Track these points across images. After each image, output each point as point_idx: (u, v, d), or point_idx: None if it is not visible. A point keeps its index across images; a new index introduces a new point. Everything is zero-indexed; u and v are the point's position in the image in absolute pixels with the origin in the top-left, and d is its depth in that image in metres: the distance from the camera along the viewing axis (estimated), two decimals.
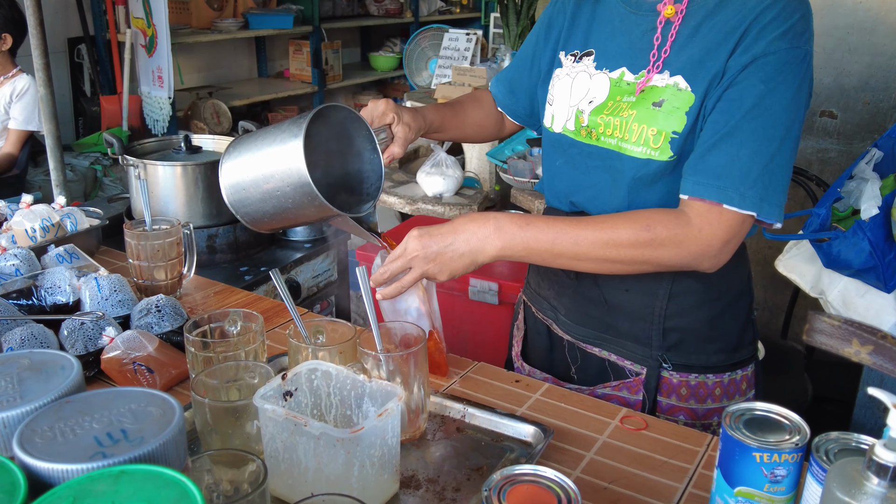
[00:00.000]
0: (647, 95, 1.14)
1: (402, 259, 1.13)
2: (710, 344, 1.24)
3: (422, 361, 1.04)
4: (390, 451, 0.91)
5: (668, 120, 1.11)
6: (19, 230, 1.57)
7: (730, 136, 1.05)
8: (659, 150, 1.12)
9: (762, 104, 1.04)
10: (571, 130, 1.24)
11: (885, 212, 1.84)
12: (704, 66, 1.09)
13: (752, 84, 1.05)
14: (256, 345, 1.08)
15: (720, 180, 1.05)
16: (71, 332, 1.22)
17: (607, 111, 1.18)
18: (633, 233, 1.08)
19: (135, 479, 0.46)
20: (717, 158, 1.06)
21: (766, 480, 0.87)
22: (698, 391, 1.25)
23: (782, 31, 1.04)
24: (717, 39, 1.09)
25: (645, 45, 1.16)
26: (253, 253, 2.02)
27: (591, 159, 1.22)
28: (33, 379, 0.60)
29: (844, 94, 2.55)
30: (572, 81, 1.25)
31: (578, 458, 1.04)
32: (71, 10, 4.60)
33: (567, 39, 1.30)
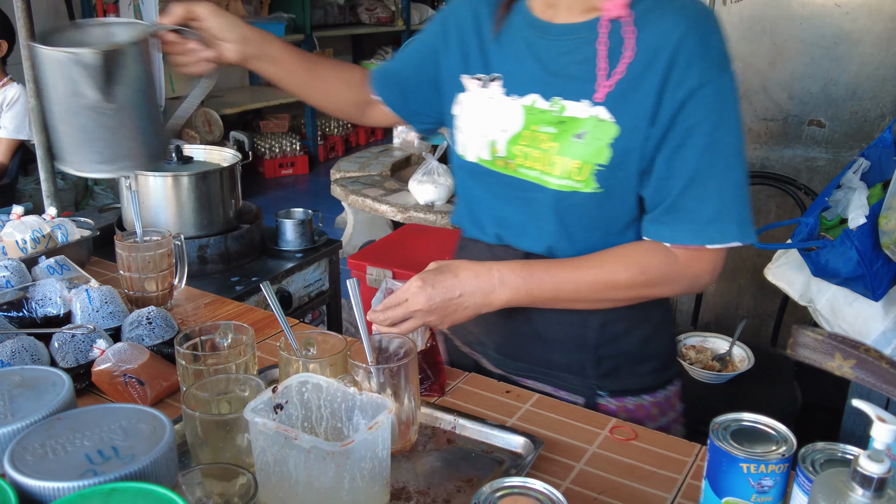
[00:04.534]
0: (569, 127, 1.11)
1: (404, 309, 1.12)
2: (642, 365, 1.26)
3: (412, 373, 1.05)
4: (381, 464, 0.92)
5: (590, 152, 1.09)
6: (10, 241, 1.57)
7: (694, 179, 1.07)
8: (583, 183, 1.11)
9: (714, 138, 1.06)
10: (487, 160, 1.21)
11: (873, 221, 1.86)
12: (626, 96, 1.07)
13: (699, 121, 1.06)
14: (247, 357, 1.08)
15: (696, 224, 1.09)
16: (62, 344, 1.22)
17: (524, 142, 1.16)
18: (629, 276, 1.12)
19: (125, 496, 0.47)
20: (689, 203, 1.08)
21: (753, 491, 0.88)
22: (636, 414, 1.26)
23: (711, 58, 1.05)
24: (637, 69, 1.07)
25: (558, 70, 1.13)
26: (244, 263, 2.02)
27: (511, 190, 1.19)
28: (24, 396, 0.60)
29: (832, 103, 2.57)
30: (481, 108, 1.22)
31: (568, 469, 1.05)
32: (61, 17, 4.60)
33: (468, 61, 1.24)
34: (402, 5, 7.15)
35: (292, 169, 6.18)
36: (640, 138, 1.08)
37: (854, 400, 0.75)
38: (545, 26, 1.16)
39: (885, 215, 1.82)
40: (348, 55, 7.43)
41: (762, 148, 2.72)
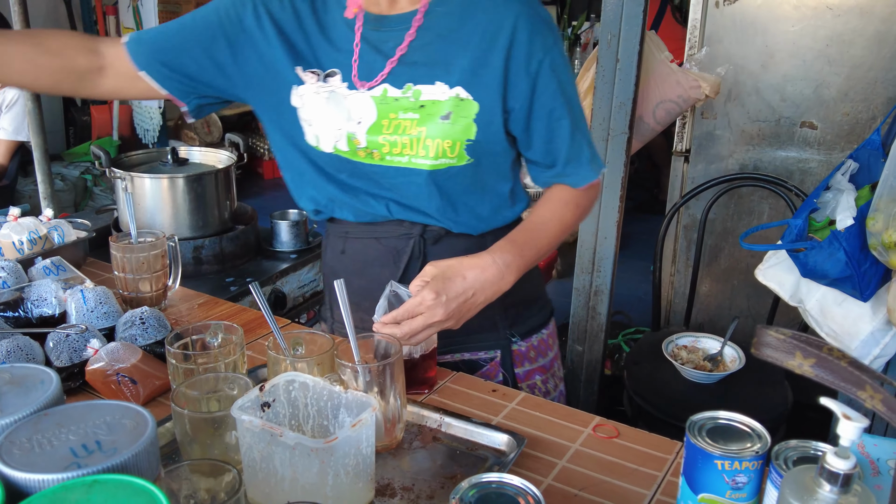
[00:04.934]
0: (432, 110, 1.21)
1: (423, 322, 1.14)
2: (535, 304, 1.45)
3: (398, 372, 1.07)
4: (365, 461, 0.94)
5: (458, 130, 1.21)
6: (6, 242, 1.59)
7: (573, 134, 1.27)
8: (456, 158, 1.24)
9: (568, 95, 1.25)
10: (346, 151, 1.27)
11: (860, 222, 1.88)
12: (478, 74, 1.20)
13: (556, 85, 1.23)
14: (236, 357, 1.10)
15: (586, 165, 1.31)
16: (56, 344, 1.24)
17: (387, 130, 1.23)
18: (573, 215, 1.34)
19: (107, 488, 0.49)
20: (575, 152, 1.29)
21: (727, 487, 0.90)
22: (541, 348, 1.46)
23: (545, 32, 1.20)
24: (482, 48, 1.19)
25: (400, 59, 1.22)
26: (239, 264, 2.04)
27: (382, 177, 1.28)
28: (13, 393, 0.62)
29: (824, 105, 2.59)
30: (326, 101, 1.25)
31: (551, 466, 1.07)
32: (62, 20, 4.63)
33: (298, 54, 1.26)
34: None
35: None
36: (498, 110, 1.22)
37: (822, 398, 0.78)
38: (378, 18, 1.23)
39: (872, 217, 1.84)
40: None
41: (755, 149, 2.74)
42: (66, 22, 4.57)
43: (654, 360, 2.31)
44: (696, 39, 2.72)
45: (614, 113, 2.33)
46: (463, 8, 1.20)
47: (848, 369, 0.62)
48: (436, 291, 1.14)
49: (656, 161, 5.34)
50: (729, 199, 2.82)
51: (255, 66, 1.30)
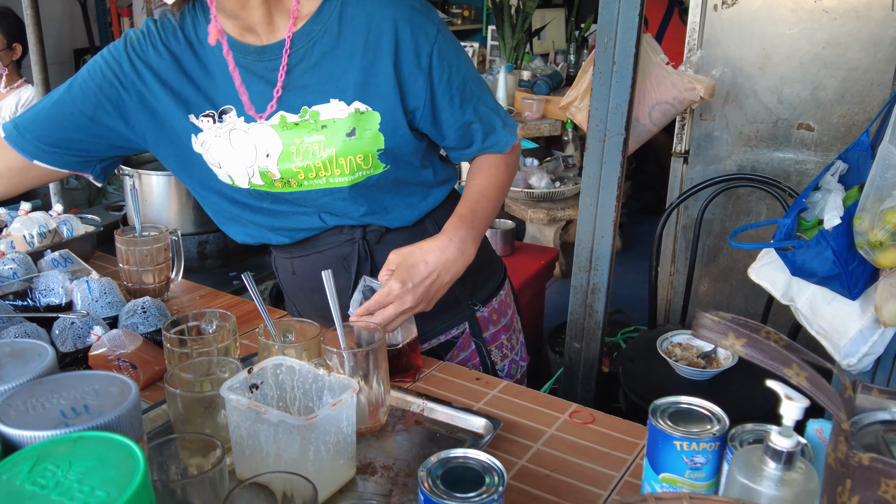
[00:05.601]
0: (335, 129, 1.22)
1: (395, 310, 1.19)
2: (487, 269, 1.52)
3: (381, 359, 1.13)
4: (346, 439, 1.00)
5: (366, 143, 1.24)
6: (17, 236, 1.66)
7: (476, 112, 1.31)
8: (372, 167, 1.27)
9: (462, 77, 1.28)
10: (261, 185, 1.28)
11: (848, 222, 1.91)
12: (371, 84, 1.22)
13: (449, 69, 1.25)
14: (228, 342, 1.17)
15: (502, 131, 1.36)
16: (62, 330, 1.31)
17: (297, 157, 1.24)
18: (506, 174, 1.40)
19: (90, 443, 0.55)
20: (488, 125, 1.33)
21: (686, 467, 0.95)
22: (501, 309, 1.54)
23: (425, 24, 1.22)
24: (369, 58, 1.21)
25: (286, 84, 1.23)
26: (242, 259, 2.11)
27: (301, 203, 1.31)
28: (12, 364, 0.69)
29: (821, 107, 2.62)
30: (228, 141, 1.26)
31: (526, 449, 1.12)
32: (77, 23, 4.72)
33: (187, 102, 1.26)
34: None
35: None
36: (400, 114, 1.24)
37: (767, 381, 0.82)
38: (258, 49, 1.23)
39: (859, 216, 1.87)
40: None
41: (752, 151, 2.77)
42: (82, 23, 4.67)
43: (648, 357, 2.36)
44: (694, 42, 2.76)
45: (611, 114, 2.38)
46: (339, 21, 1.20)
47: (775, 348, 0.67)
48: (401, 280, 1.19)
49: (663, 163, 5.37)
50: (727, 200, 2.85)
51: (146, 122, 1.28)
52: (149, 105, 1.28)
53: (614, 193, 2.43)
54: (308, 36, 1.21)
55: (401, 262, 1.21)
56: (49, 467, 0.53)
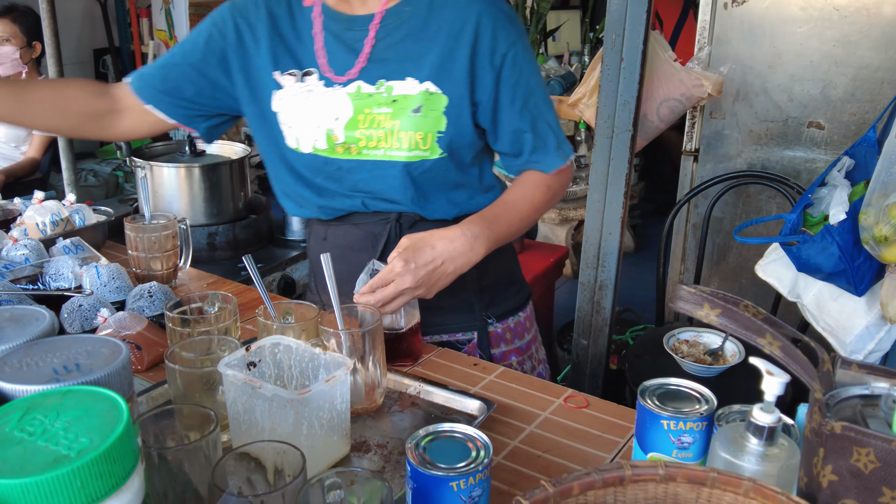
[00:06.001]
0: (403, 104, 1.27)
1: (394, 289, 1.21)
2: (510, 288, 1.51)
3: (378, 341, 1.15)
4: (339, 416, 1.02)
5: (429, 122, 1.28)
6: (30, 223, 1.70)
7: (535, 124, 1.33)
8: (429, 150, 1.30)
9: (532, 85, 1.31)
10: (324, 149, 1.33)
11: (854, 217, 1.91)
12: (446, 69, 1.26)
13: (519, 77, 1.29)
14: (229, 322, 1.19)
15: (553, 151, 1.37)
16: (70, 312, 1.34)
17: (363, 125, 1.29)
18: (545, 196, 1.40)
19: (78, 395, 0.57)
20: (540, 140, 1.35)
21: (673, 447, 0.96)
22: (517, 330, 1.51)
23: (509, 27, 1.27)
24: (448, 43, 1.26)
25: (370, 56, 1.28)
26: (251, 250, 2.14)
27: (356, 173, 1.33)
28: (11, 327, 0.72)
29: (831, 105, 2.62)
30: (304, 101, 1.32)
31: (519, 431, 1.14)
32: (97, 23, 4.80)
33: (276, 59, 1.33)
34: None
35: None
36: (466, 103, 1.29)
37: (750, 358, 0.84)
38: (349, 18, 1.30)
39: (864, 212, 1.87)
40: None
41: (762, 149, 2.77)
42: (102, 24, 4.74)
43: (655, 353, 2.36)
44: (704, 40, 2.77)
45: (618, 111, 2.38)
46: (429, 7, 1.27)
47: (749, 318, 0.68)
48: (405, 259, 1.21)
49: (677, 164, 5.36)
50: (737, 199, 2.85)
51: (242, 79, 1.36)
52: (244, 61, 1.36)
53: (622, 190, 2.44)
54: (398, 15, 1.28)
55: (409, 245, 1.24)
56: (38, 417, 0.55)
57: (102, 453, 0.52)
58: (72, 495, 0.51)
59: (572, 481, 0.68)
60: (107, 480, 0.53)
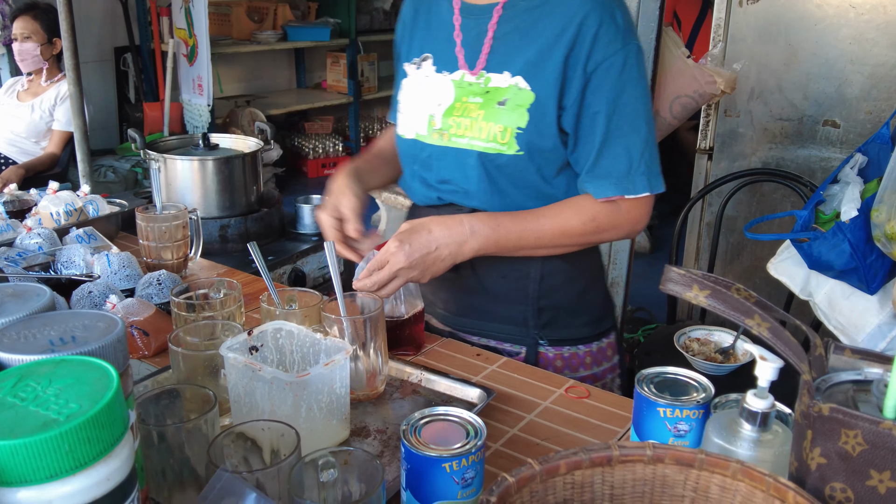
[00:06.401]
0: (493, 96, 1.26)
1: (388, 270, 1.21)
2: (579, 317, 1.39)
3: (379, 328, 1.16)
4: (339, 400, 1.03)
5: (511, 117, 1.24)
6: (45, 213, 1.73)
7: (606, 141, 1.24)
8: (506, 146, 1.26)
9: (620, 105, 1.22)
10: (423, 134, 1.34)
11: (866, 214, 1.90)
12: (539, 67, 1.23)
13: (607, 90, 1.22)
14: (233, 308, 1.21)
15: (613, 179, 1.25)
16: (79, 298, 1.37)
17: (457, 113, 1.29)
18: (582, 223, 1.28)
19: (71, 365, 0.59)
20: (605, 162, 1.25)
21: (670, 434, 0.96)
22: (571, 362, 1.40)
23: (613, 35, 1.19)
24: (549, 42, 1.22)
25: (478, 46, 1.28)
26: (263, 243, 2.15)
27: (442, 159, 1.33)
28: (13, 302, 0.74)
29: (846, 103, 2.60)
30: (418, 87, 1.35)
31: (519, 419, 1.14)
32: (118, 21, 4.85)
33: (410, 49, 1.39)
34: None
35: (334, 169, 6.33)
36: (552, 105, 1.24)
37: (745, 343, 0.83)
38: (467, 7, 1.31)
39: (876, 208, 1.86)
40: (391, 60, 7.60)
41: (777, 147, 2.75)
42: (123, 22, 4.80)
43: (665, 351, 2.35)
44: (719, 38, 2.76)
45: None
46: (542, 4, 1.23)
47: (738, 300, 0.68)
48: (399, 240, 1.22)
49: None
50: (751, 198, 2.84)
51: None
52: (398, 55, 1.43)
53: None
54: (512, 9, 1.26)
55: (407, 228, 1.25)
56: (31, 384, 0.57)
57: (90, 418, 0.53)
58: (60, 458, 0.52)
59: (559, 460, 0.69)
60: (94, 445, 0.54)
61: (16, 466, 0.51)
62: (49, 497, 0.54)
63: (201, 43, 4.45)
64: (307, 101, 6.13)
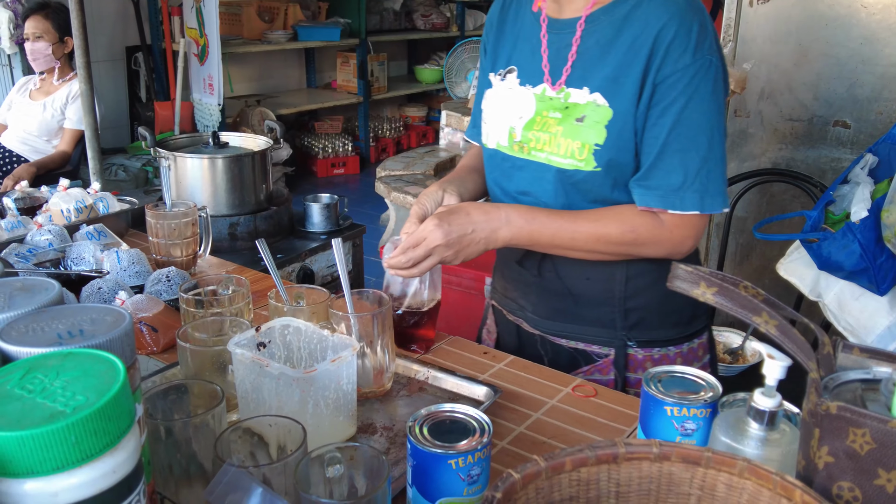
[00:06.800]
0: (572, 112, 1.25)
1: (424, 247, 1.20)
2: (667, 318, 1.35)
3: (387, 325, 1.16)
4: (345, 397, 1.03)
5: (589, 133, 1.23)
6: (55, 210, 1.74)
7: (662, 153, 1.21)
8: (584, 162, 1.24)
9: (683, 117, 1.19)
10: (504, 146, 1.34)
11: (876, 215, 1.89)
12: (618, 82, 1.21)
13: (671, 101, 1.19)
14: (241, 304, 1.21)
15: (662, 191, 1.22)
16: (89, 295, 1.38)
17: (537, 127, 1.29)
18: (620, 233, 1.25)
19: (78, 357, 0.59)
20: (657, 172, 1.22)
21: (677, 433, 0.95)
22: (661, 363, 1.36)
23: (684, 48, 1.17)
24: (627, 57, 1.20)
25: (561, 61, 1.27)
26: (272, 242, 2.16)
27: (522, 171, 1.33)
28: (22, 296, 0.74)
29: (857, 104, 2.58)
30: (501, 99, 1.36)
31: (525, 417, 1.14)
32: (130, 21, 4.87)
33: (495, 60, 1.39)
34: (457, 12, 7.30)
35: (344, 168, 6.37)
36: (630, 119, 1.21)
37: (752, 340, 0.83)
38: (552, 22, 1.29)
39: (887, 209, 1.85)
40: (403, 60, 7.61)
41: (787, 148, 2.74)
42: (134, 22, 4.82)
43: None
44: (729, 37, 2.74)
45: None
46: (623, 20, 1.21)
47: (746, 297, 0.68)
48: (438, 218, 1.21)
49: None
50: (761, 198, 2.82)
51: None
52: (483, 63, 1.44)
53: None
54: (594, 24, 1.25)
55: (445, 210, 1.24)
56: (38, 376, 0.57)
57: (97, 410, 0.54)
58: (66, 450, 0.52)
59: (565, 457, 0.69)
60: (101, 438, 0.54)
61: (22, 458, 0.52)
62: (55, 489, 0.54)
63: (212, 42, 4.46)
64: (317, 100, 6.15)
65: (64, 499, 0.54)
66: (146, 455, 0.70)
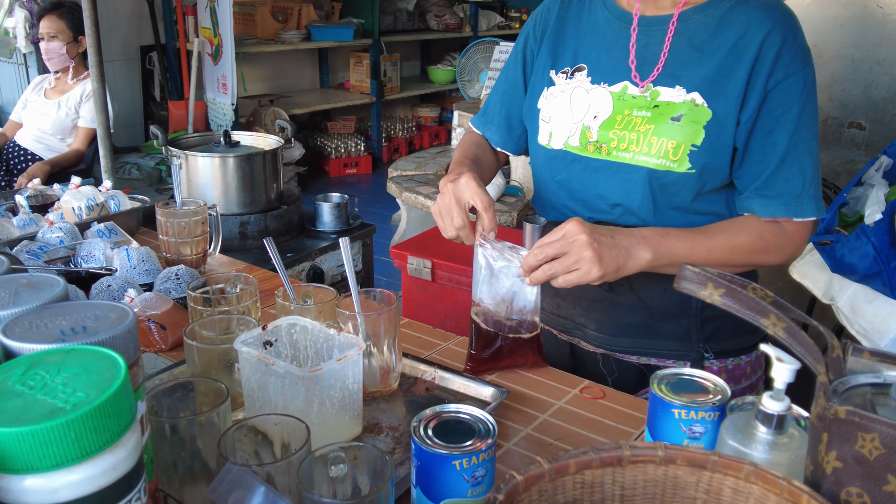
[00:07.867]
0: (664, 111, 1.22)
1: (563, 242, 1.13)
2: (741, 326, 1.30)
3: (393, 324, 1.16)
4: (351, 396, 1.03)
5: (686, 133, 1.20)
6: (66, 208, 1.75)
7: (783, 160, 1.20)
8: (678, 163, 1.21)
9: (799, 124, 1.19)
10: (576, 146, 1.29)
11: (890, 217, 1.87)
12: (718, 84, 1.19)
13: (786, 109, 1.19)
14: (249, 302, 1.21)
15: (784, 199, 1.22)
16: (99, 292, 1.38)
17: (619, 126, 1.25)
18: (750, 241, 1.24)
19: (79, 354, 0.59)
20: (778, 181, 1.21)
21: (685, 436, 0.94)
22: (734, 373, 1.35)
23: (794, 54, 1.18)
24: (728, 59, 1.19)
25: (650, 59, 1.24)
26: (282, 241, 2.17)
27: (599, 174, 1.28)
28: (27, 292, 0.74)
29: (873, 105, 2.56)
30: (569, 98, 1.31)
31: (532, 418, 1.13)
32: (144, 20, 4.90)
33: (555, 58, 1.35)
34: (471, 12, 7.30)
35: (356, 168, 6.39)
36: (731, 122, 1.20)
37: (761, 345, 0.82)
38: (644, 20, 1.26)
39: None
40: (416, 60, 7.62)
41: None
42: (149, 21, 4.85)
43: None
44: None
45: None
46: (719, 20, 1.20)
47: (754, 299, 0.67)
48: (579, 221, 1.14)
49: None
50: None
51: (531, 80, 1.41)
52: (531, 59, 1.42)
53: None
54: (686, 22, 1.23)
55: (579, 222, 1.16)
56: (40, 372, 0.57)
57: (97, 407, 0.54)
58: (66, 446, 0.52)
59: (569, 459, 0.68)
60: (101, 434, 0.54)
61: (22, 454, 0.52)
62: (55, 485, 0.54)
63: (226, 42, 4.48)
64: (330, 100, 6.16)
65: (63, 495, 0.54)
66: (149, 453, 0.70)
